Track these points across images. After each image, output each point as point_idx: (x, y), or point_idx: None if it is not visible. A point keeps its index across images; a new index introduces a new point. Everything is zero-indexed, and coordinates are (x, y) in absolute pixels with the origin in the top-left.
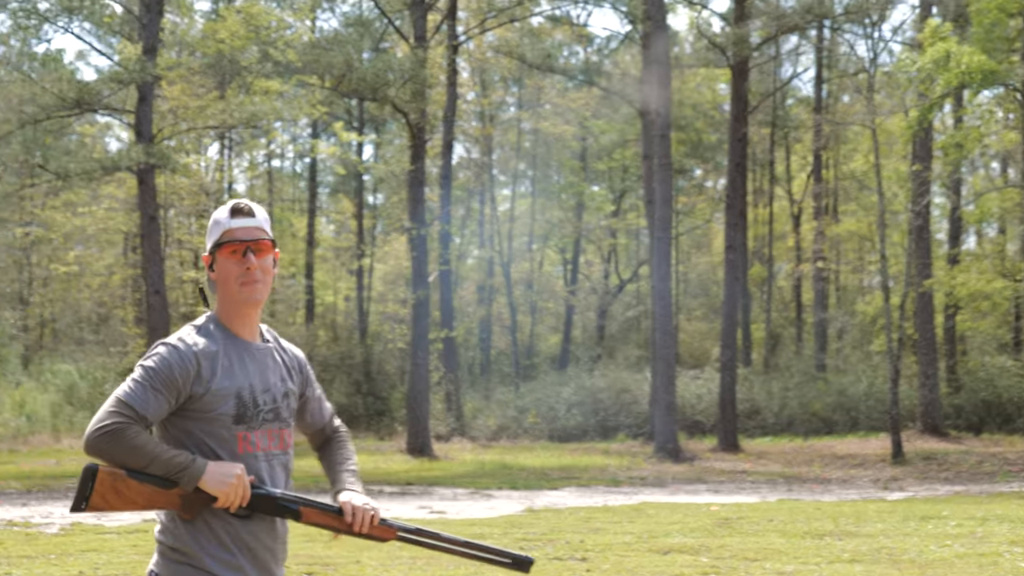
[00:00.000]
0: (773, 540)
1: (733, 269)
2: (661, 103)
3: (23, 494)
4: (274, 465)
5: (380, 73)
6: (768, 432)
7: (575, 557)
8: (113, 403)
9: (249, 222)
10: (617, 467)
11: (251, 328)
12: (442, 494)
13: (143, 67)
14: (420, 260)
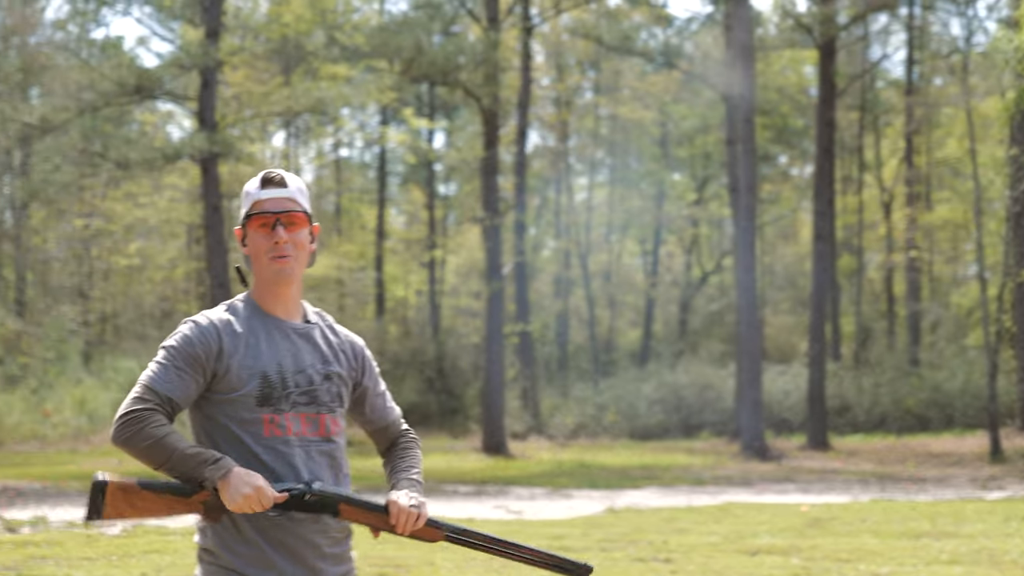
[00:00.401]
0: (867, 541)
1: (822, 259)
2: (745, 86)
3: (84, 494)
4: (312, 453)
5: (451, 56)
6: (859, 430)
7: (658, 558)
8: (137, 388)
9: (280, 192)
10: (701, 466)
11: (286, 306)
12: (519, 494)
13: (205, 51)
14: (494, 251)
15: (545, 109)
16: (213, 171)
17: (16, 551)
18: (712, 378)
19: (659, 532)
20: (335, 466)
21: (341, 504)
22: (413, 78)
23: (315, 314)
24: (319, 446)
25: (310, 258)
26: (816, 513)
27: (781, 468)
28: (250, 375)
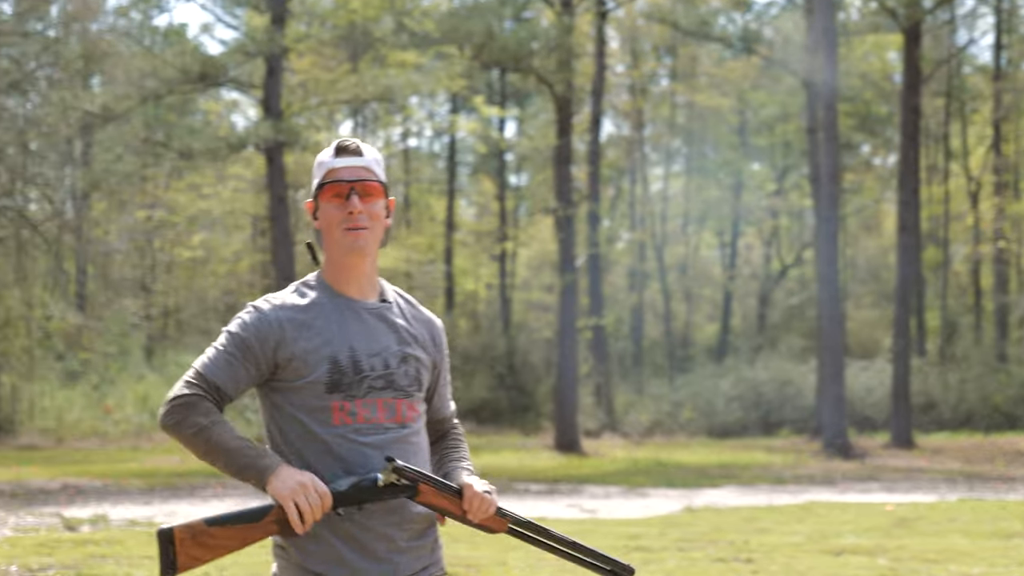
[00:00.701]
0: (956, 541)
1: (907, 251)
2: (828, 72)
3: (145, 492)
4: (387, 442)
5: (523, 41)
6: (945, 427)
7: (739, 559)
8: (189, 372)
9: (355, 161)
10: (781, 464)
11: (360, 284)
12: (593, 492)
13: (271, 38)
14: (567, 243)
15: (620, 96)
16: (278, 161)
17: (76, 549)
18: (792, 374)
19: (739, 532)
20: (413, 454)
21: (421, 484)
22: (484, 64)
23: (393, 292)
24: (395, 433)
25: (385, 235)
26: (902, 512)
27: (864, 467)
28: (318, 360)
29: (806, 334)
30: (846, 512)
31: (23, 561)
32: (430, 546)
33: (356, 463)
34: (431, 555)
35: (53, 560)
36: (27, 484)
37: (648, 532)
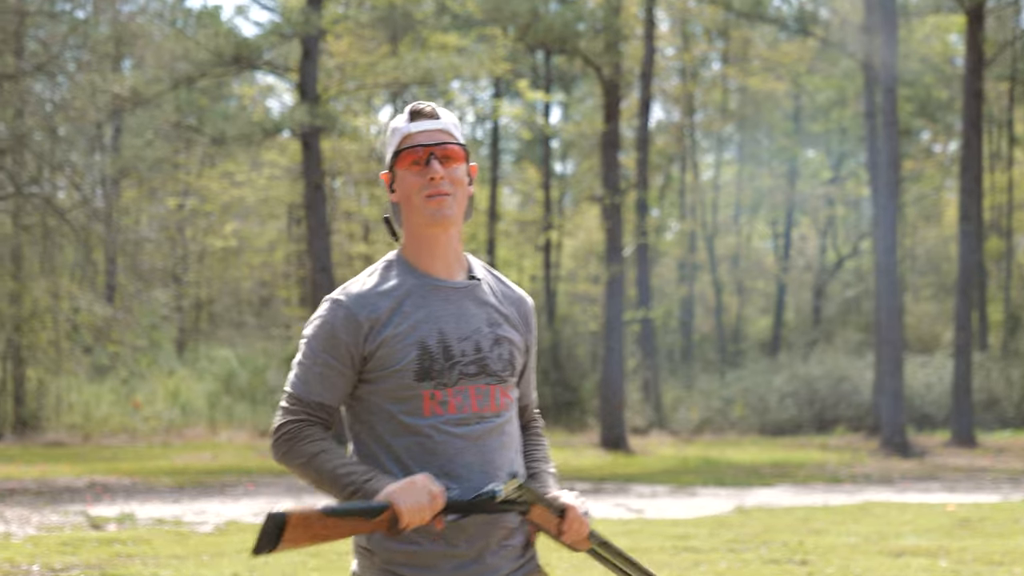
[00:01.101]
0: (1021, 543)
1: (968, 241)
2: (887, 53)
3: (174, 490)
4: (481, 432)
5: (570, 22)
6: (1008, 425)
7: (794, 560)
8: (284, 399)
9: (432, 124)
10: (837, 463)
11: (445, 260)
12: (640, 491)
13: (307, 19)
14: (614, 233)
15: (670, 81)
16: (315, 147)
17: (101, 549)
18: (848, 370)
19: (793, 532)
20: (507, 445)
21: (536, 505)
22: (529, 46)
23: (482, 268)
24: (489, 423)
25: (469, 205)
26: (964, 513)
27: (924, 465)
28: (406, 347)
29: (863, 328)
30: (905, 512)
31: (46, 560)
32: (522, 543)
33: (449, 457)
34: (525, 555)
35: (77, 559)
36: (53, 482)
37: (698, 532)
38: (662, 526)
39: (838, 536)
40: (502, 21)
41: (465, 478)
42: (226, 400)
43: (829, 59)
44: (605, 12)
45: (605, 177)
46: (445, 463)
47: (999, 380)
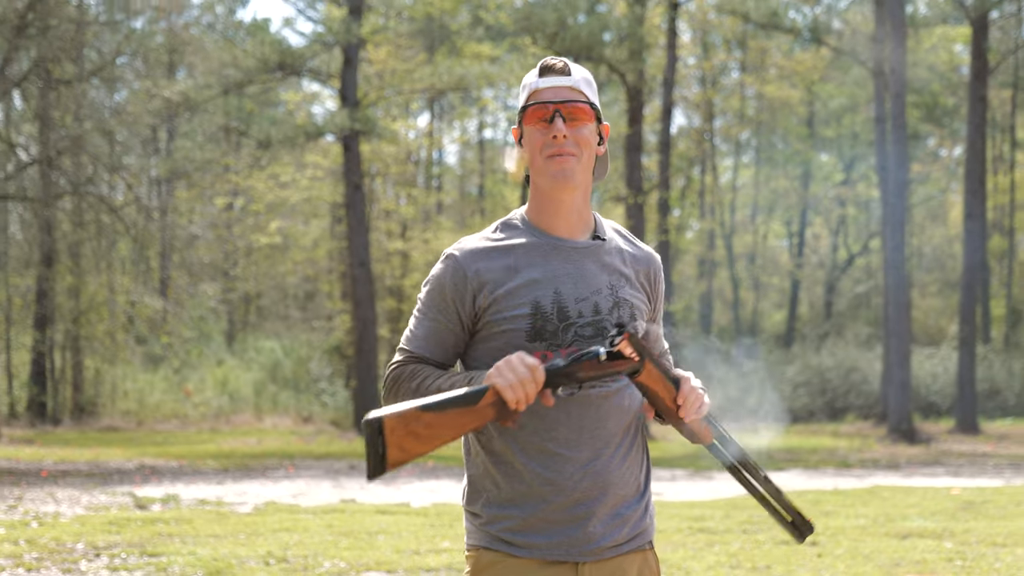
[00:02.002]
0: (1023, 525)
1: (973, 239)
2: (897, 60)
3: (219, 473)
4: (593, 396)
5: (595, 32)
6: (1009, 414)
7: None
8: (397, 351)
9: (562, 81)
10: (847, 449)
11: (568, 220)
12: (659, 475)
13: (348, 29)
14: (637, 230)
15: (690, 88)
16: (355, 149)
17: (144, 528)
18: (858, 361)
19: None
20: (624, 410)
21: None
22: (557, 53)
23: (610, 228)
24: (604, 387)
25: (601, 166)
26: (968, 496)
27: (929, 451)
28: (519, 305)
29: (872, 322)
30: (911, 496)
31: (90, 539)
32: (640, 513)
33: (557, 420)
34: (639, 521)
35: (120, 538)
36: (105, 464)
37: (713, 514)
38: (680, 508)
39: (847, 518)
40: (532, 31)
41: (574, 444)
42: (271, 388)
43: (841, 68)
44: (629, 22)
45: (629, 178)
46: (552, 426)
47: (1001, 371)
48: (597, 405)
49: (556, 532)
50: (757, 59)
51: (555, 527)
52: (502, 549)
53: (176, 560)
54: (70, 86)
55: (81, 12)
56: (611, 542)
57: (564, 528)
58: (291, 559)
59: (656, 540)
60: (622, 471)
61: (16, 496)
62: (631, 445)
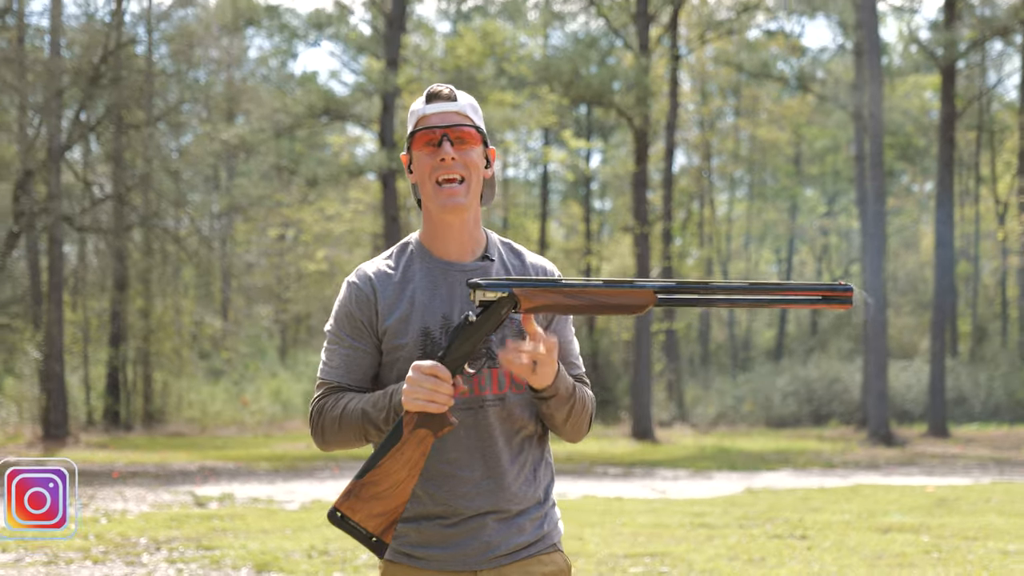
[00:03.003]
0: (992, 520)
1: (943, 265)
2: (875, 105)
3: (271, 473)
4: (483, 415)
5: (606, 81)
6: (975, 419)
7: (795, 535)
8: (316, 386)
9: (448, 106)
10: (831, 451)
11: (459, 243)
12: (663, 475)
13: (386, 79)
14: (643, 258)
15: (691, 131)
16: (392, 186)
17: (201, 524)
18: (840, 372)
19: (794, 510)
20: (511, 428)
21: (515, 290)
22: (572, 100)
23: (499, 247)
24: (490, 407)
25: (488, 189)
26: (941, 494)
27: (905, 453)
28: (408, 332)
29: (852, 338)
30: (890, 493)
31: (152, 534)
32: (539, 520)
33: (453, 440)
34: (538, 528)
35: (179, 533)
36: (169, 466)
37: (712, 511)
38: (682, 505)
39: (833, 514)
40: (549, 80)
41: (466, 464)
42: None
43: (825, 112)
44: (636, 73)
45: (636, 211)
46: (445, 450)
47: (968, 381)
48: (485, 425)
49: (453, 544)
50: (749, 105)
51: (452, 539)
52: (404, 562)
53: (228, 553)
54: (139, 130)
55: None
56: (507, 549)
57: (461, 540)
58: (331, 552)
59: (660, 535)
60: (518, 485)
61: (89, 495)
62: (526, 459)
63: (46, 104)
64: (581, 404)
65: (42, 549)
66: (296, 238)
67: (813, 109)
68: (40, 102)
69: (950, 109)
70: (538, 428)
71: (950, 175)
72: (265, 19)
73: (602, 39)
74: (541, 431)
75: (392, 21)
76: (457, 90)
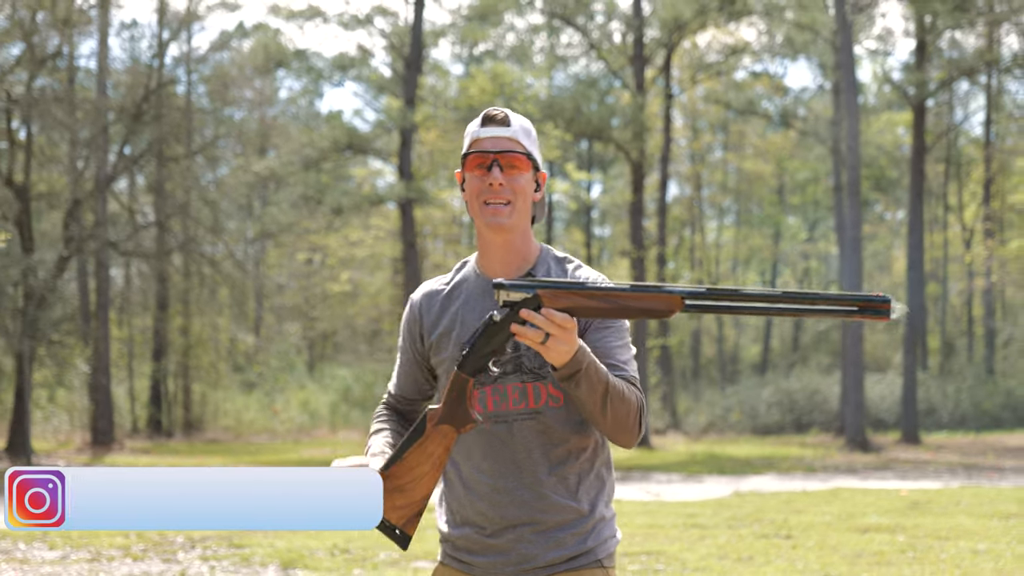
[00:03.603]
0: (962, 521)
1: (914, 286)
2: (851, 142)
3: None
4: (516, 430)
5: (605, 117)
6: (944, 427)
7: (780, 535)
8: None
9: (500, 131)
10: (812, 457)
11: (504, 261)
12: (658, 479)
13: (404, 116)
14: (639, 278)
15: (683, 164)
16: (410, 214)
17: None
18: (820, 384)
19: (779, 512)
20: (547, 440)
21: (539, 292)
22: (574, 135)
23: (550, 262)
24: (524, 421)
25: (537, 209)
26: (914, 497)
27: (880, 458)
28: (450, 347)
29: (831, 353)
30: (868, 496)
31: (188, 533)
32: (582, 535)
33: (483, 453)
34: (580, 543)
35: (212, 532)
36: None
37: (703, 512)
38: (675, 507)
39: (815, 515)
40: (553, 117)
41: (499, 474)
42: (344, 408)
43: (806, 147)
44: (632, 110)
45: (633, 237)
46: (480, 459)
47: (937, 393)
48: (520, 437)
49: (493, 553)
50: (737, 140)
51: (491, 549)
52: (454, 566)
53: (257, 551)
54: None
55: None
56: (544, 562)
57: (499, 550)
58: (352, 550)
59: (655, 535)
60: (555, 497)
61: None
62: (567, 472)
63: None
64: (619, 395)
65: (86, 547)
66: (322, 262)
67: (795, 144)
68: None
69: (920, 143)
70: (586, 441)
71: (920, 204)
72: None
73: (602, 80)
74: (591, 444)
75: (410, 64)
76: (513, 114)
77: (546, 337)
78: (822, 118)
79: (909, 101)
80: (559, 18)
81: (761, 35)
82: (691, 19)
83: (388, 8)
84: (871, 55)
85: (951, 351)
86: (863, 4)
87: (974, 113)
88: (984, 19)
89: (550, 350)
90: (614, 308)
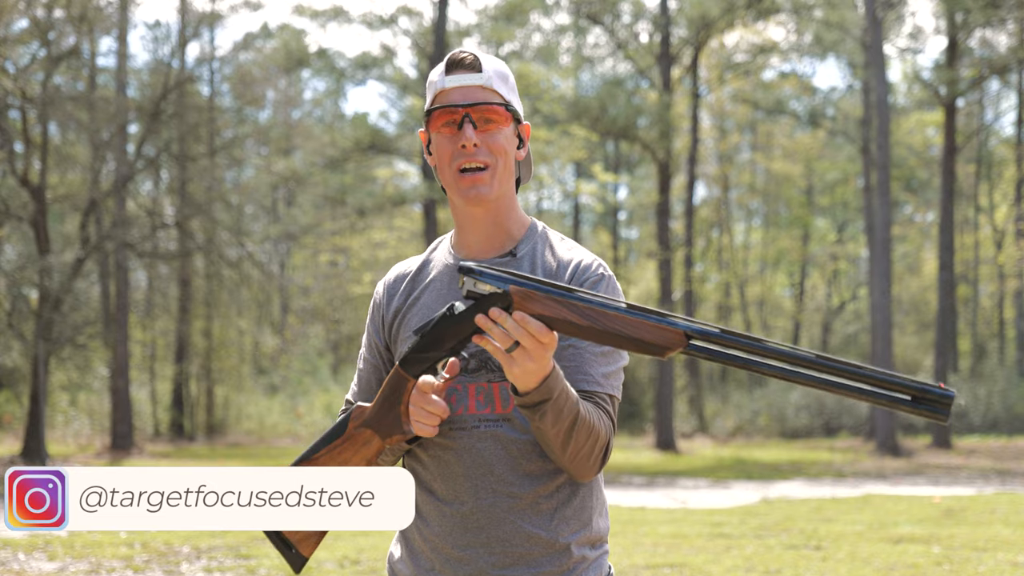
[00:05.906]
0: (1000, 531)
1: (945, 287)
2: (880, 142)
3: None
4: (477, 438)
5: (631, 117)
6: (976, 431)
7: (809, 546)
8: None
9: (470, 79)
10: (841, 461)
11: (484, 236)
12: (685, 484)
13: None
14: (666, 281)
15: (710, 165)
16: (433, 215)
17: (242, 532)
18: None
19: (808, 521)
20: (519, 453)
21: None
22: (601, 136)
23: (537, 239)
24: (491, 428)
25: (522, 170)
26: (948, 504)
27: (911, 463)
28: (405, 338)
29: (860, 356)
30: (899, 503)
31: (196, 542)
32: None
33: (440, 467)
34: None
35: (220, 542)
36: None
37: (730, 520)
38: (701, 515)
39: (846, 524)
40: (580, 118)
41: (452, 495)
42: None
43: (835, 147)
44: (659, 110)
45: (660, 238)
46: (434, 476)
47: (968, 396)
48: (482, 450)
49: None
50: (765, 141)
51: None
52: None
53: (263, 562)
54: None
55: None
56: None
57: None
58: (363, 561)
59: (679, 546)
60: (522, 526)
61: None
62: (541, 493)
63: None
64: (587, 429)
65: (87, 558)
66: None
67: (824, 144)
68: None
69: (951, 143)
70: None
71: (951, 205)
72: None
73: (628, 80)
74: None
75: (434, 63)
76: (484, 55)
77: (514, 346)
78: (851, 118)
79: (940, 100)
80: (586, 17)
81: (789, 34)
82: (718, 17)
83: (413, 8)
84: (901, 54)
85: (982, 353)
86: (893, 1)
87: (1005, 113)
88: (1016, 16)
89: (515, 365)
90: (597, 331)
